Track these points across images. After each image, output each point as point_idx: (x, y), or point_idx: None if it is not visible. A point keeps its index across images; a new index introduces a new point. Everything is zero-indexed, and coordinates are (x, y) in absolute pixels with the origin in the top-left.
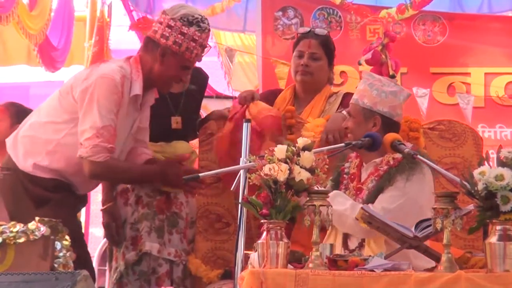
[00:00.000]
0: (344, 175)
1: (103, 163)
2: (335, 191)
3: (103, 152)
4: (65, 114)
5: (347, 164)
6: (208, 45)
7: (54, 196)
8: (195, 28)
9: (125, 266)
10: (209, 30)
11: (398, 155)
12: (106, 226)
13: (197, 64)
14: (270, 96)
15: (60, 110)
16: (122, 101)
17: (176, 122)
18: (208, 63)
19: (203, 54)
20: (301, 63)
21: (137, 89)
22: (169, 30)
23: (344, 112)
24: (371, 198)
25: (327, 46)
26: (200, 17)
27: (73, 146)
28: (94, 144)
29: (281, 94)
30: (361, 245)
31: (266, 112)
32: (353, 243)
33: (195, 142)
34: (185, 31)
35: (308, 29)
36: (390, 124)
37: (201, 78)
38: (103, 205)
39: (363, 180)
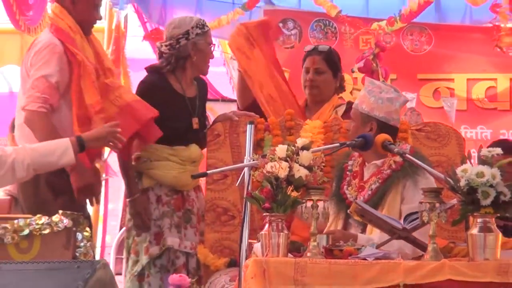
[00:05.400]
0: (347, 172)
1: (37, 112)
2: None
3: (38, 101)
4: None
5: (350, 162)
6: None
7: (69, 185)
8: None
9: (148, 260)
10: None
11: (399, 159)
12: (136, 214)
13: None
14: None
15: None
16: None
17: (196, 122)
18: (215, 70)
19: None
20: (307, 78)
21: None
22: None
23: None
24: (375, 199)
25: (330, 60)
26: None
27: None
28: (28, 95)
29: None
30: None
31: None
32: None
33: None
34: None
35: (312, 47)
36: (386, 128)
37: (203, 84)
38: (129, 196)
39: (366, 179)
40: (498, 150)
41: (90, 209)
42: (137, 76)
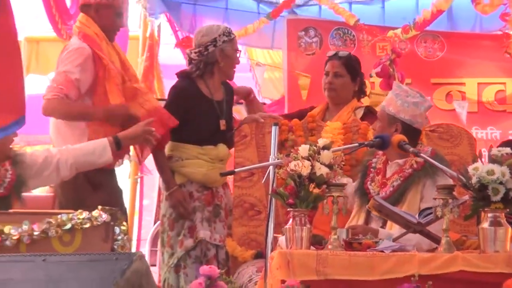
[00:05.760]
0: (371, 169)
1: (51, 100)
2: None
3: (54, 91)
4: None
5: (374, 160)
6: None
7: (105, 180)
8: None
9: (183, 252)
10: None
11: (420, 160)
12: (178, 203)
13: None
14: (303, 113)
15: None
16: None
17: (223, 124)
18: (241, 75)
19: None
20: (326, 81)
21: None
22: None
23: None
24: (396, 196)
25: (348, 65)
26: None
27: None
28: (48, 87)
29: (316, 108)
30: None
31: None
32: (374, 226)
33: None
34: None
35: (334, 52)
36: (410, 130)
37: (229, 88)
38: (167, 190)
39: (388, 177)
40: (507, 150)
41: (126, 204)
42: (169, 81)
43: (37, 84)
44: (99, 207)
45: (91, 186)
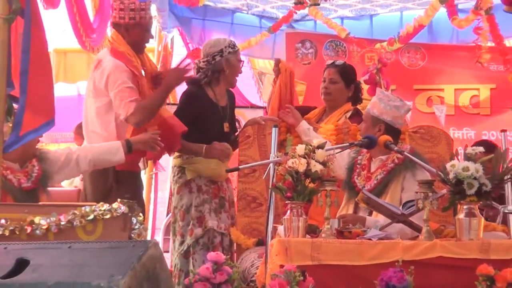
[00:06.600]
0: (357, 165)
1: (134, 111)
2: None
3: (130, 106)
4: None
5: (360, 157)
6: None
7: (130, 180)
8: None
9: (193, 240)
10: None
11: (400, 156)
12: (216, 150)
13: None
14: (305, 109)
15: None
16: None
17: (226, 126)
18: (245, 82)
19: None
20: (322, 86)
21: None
22: (122, 12)
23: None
24: (380, 187)
25: (343, 72)
26: None
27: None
28: (123, 105)
29: (315, 109)
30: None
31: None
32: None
33: None
34: (133, 7)
35: (332, 61)
36: (392, 130)
37: (232, 95)
38: (201, 153)
39: (372, 171)
40: (481, 149)
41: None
42: (180, 87)
43: (63, 89)
44: (118, 200)
45: (118, 183)
